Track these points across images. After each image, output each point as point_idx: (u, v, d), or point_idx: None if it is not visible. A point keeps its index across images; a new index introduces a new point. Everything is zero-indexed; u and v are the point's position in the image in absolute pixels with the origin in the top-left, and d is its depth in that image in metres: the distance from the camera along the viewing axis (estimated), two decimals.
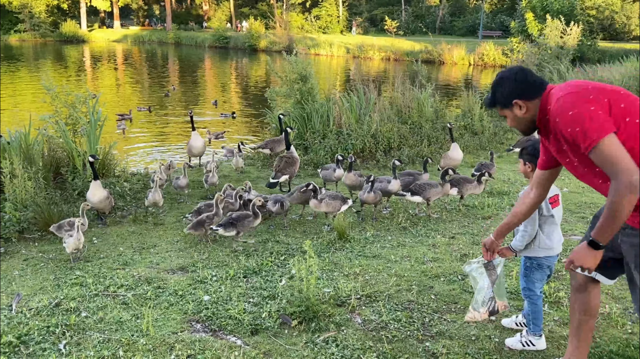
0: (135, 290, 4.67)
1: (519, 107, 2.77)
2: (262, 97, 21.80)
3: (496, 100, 2.85)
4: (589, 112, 2.42)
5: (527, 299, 3.59)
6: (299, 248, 5.74)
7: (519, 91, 2.75)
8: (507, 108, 2.82)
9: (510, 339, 3.68)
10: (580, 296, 3.15)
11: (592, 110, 2.43)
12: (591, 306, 3.15)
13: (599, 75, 18.75)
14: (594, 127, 2.39)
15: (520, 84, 2.75)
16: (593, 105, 2.44)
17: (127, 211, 7.33)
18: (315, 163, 9.70)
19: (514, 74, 2.78)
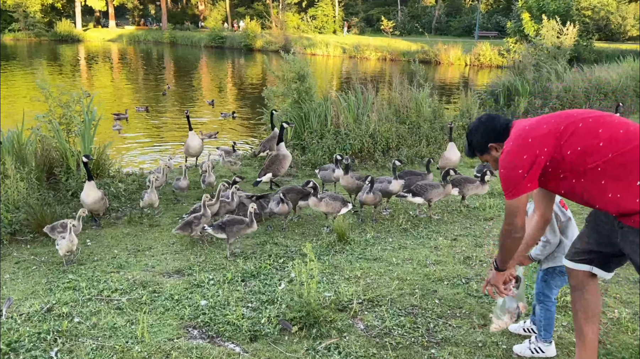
0: (130, 294, 4.54)
1: (495, 150, 3.07)
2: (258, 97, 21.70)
3: (474, 149, 3.17)
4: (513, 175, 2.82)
5: (541, 305, 3.47)
6: (298, 250, 5.61)
7: (491, 136, 3.05)
8: (486, 153, 3.13)
9: (519, 346, 3.56)
10: (579, 294, 3.09)
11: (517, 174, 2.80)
12: (590, 304, 3.07)
13: (596, 75, 18.72)
14: (510, 189, 2.85)
15: (490, 130, 3.06)
16: (521, 168, 2.79)
17: (121, 212, 7.18)
18: (313, 163, 9.57)
19: (483, 123, 3.10)
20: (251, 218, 5.62)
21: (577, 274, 3.06)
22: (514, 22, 36.66)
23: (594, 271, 3.01)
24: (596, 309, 3.06)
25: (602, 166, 2.67)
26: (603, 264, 2.99)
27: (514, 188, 2.83)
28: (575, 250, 3.09)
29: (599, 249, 2.96)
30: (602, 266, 3.00)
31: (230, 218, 5.67)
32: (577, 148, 2.74)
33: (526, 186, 2.81)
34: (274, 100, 11.30)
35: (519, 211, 2.88)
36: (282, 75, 10.90)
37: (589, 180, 2.73)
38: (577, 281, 3.07)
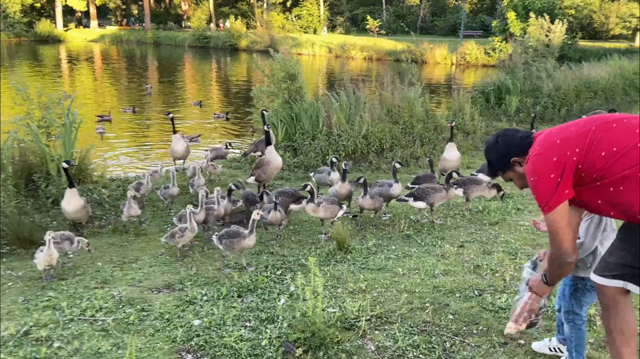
0: (116, 314, 4.15)
1: (519, 164, 2.80)
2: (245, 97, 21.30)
3: (495, 168, 2.91)
4: (545, 182, 2.55)
5: (570, 324, 3.16)
6: (296, 260, 5.26)
7: (511, 150, 2.80)
8: (509, 170, 2.86)
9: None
10: (612, 313, 2.77)
11: (549, 179, 2.55)
12: (628, 322, 2.75)
13: (585, 73, 18.66)
14: (545, 199, 2.56)
15: (510, 143, 2.80)
16: (553, 172, 2.54)
17: (105, 220, 6.76)
18: (306, 165, 9.23)
19: (500, 137, 2.87)
20: (251, 229, 5.10)
21: (608, 291, 2.74)
22: (499, 20, 36.67)
23: (627, 287, 2.69)
24: (634, 326, 2.76)
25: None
26: (637, 279, 2.67)
27: (550, 197, 2.56)
28: (605, 265, 2.76)
29: (634, 263, 2.63)
30: (637, 282, 2.67)
31: (231, 230, 5.19)
32: (612, 148, 2.49)
33: (563, 192, 2.54)
34: (264, 100, 10.92)
35: (563, 230, 2.58)
36: (272, 74, 10.55)
37: (628, 186, 2.46)
38: (608, 299, 2.75)
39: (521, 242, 5.56)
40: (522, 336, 3.67)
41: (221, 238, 5.10)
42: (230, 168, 9.68)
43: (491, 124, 13.39)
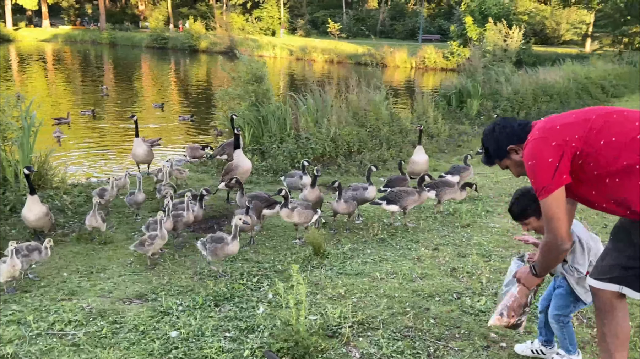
0: (86, 327, 3.95)
1: (515, 152, 2.80)
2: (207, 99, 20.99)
3: (492, 155, 2.91)
4: (543, 166, 2.53)
5: (559, 324, 3.21)
6: (272, 266, 5.17)
7: (510, 137, 2.80)
8: (506, 158, 2.86)
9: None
10: (607, 317, 2.79)
11: (547, 163, 2.53)
12: (622, 327, 2.78)
13: (541, 77, 19.25)
14: (543, 184, 2.53)
15: (508, 131, 2.81)
16: (551, 156, 2.53)
17: (69, 228, 6.48)
18: (275, 169, 9.13)
19: (499, 125, 2.87)
20: (234, 234, 4.95)
21: (604, 294, 2.77)
22: (456, 25, 37.50)
23: (623, 291, 2.72)
24: (627, 331, 2.80)
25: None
26: (633, 282, 2.68)
27: (547, 180, 2.52)
28: (600, 268, 2.79)
29: (630, 264, 2.65)
30: (633, 285, 2.69)
31: (214, 235, 5.07)
32: (611, 138, 2.48)
33: (560, 177, 2.52)
34: (230, 103, 10.76)
35: (559, 215, 2.54)
36: (238, 76, 10.41)
37: (625, 178, 2.46)
38: (604, 303, 2.77)
39: (494, 244, 5.64)
40: (504, 338, 3.71)
41: (205, 244, 4.97)
42: (197, 172, 9.48)
43: (454, 127, 13.63)
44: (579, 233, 3.07)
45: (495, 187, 8.25)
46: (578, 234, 3.06)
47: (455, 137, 12.84)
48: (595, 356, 3.51)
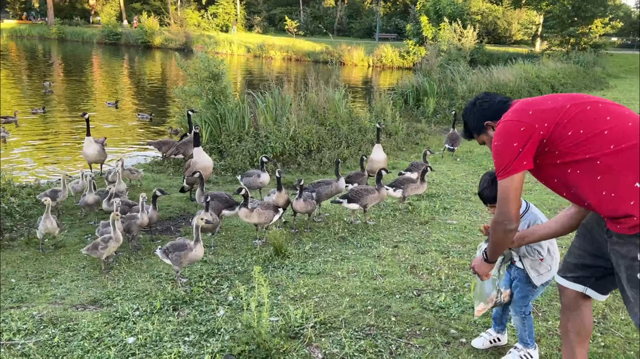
0: (37, 336, 3.77)
1: (492, 128, 2.82)
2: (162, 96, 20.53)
3: (470, 129, 2.95)
4: (507, 148, 2.55)
5: (520, 315, 3.32)
6: (232, 268, 5.09)
7: (487, 113, 2.84)
8: (483, 133, 2.89)
9: (508, 356, 3.41)
10: (572, 314, 2.85)
11: (512, 147, 2.54)
12: (585, 325, 2.85)
13: (495, 76, 19.74)
14: (503, 165, 2.56)
15: (487, 107, 2.85)
16: (517, 141, 2.53)
17: (17, 232, 6.20)
18: (234, 168, 9.01)
19: (480, 100, 2.90)
20: (197, 237, 4.73)
21: (570, 293, 2.80)
22: (412, 24, 38.07)
23: (587, 292, 2.75)
24: (589, 329, 2.85)
25: (601, 158, 2.40)
26: (598, 283, 2.72)
27: (508, 163, 2.54)
28: (567, 265, 2.82)
29: (594, 263, 2.68)
30: (597, 287, 2.72)
31: (175, 242, 4.85)
32: (579, 130, 2.47)
33: (521, 163, 2.54)
34: (186, 100, 10.54)
35: (513, 196, 2.57)
36: (195, 74, 10.21)
37: (585, 171, 2.47)
38: (569, 301, 2.81)
39: (452, 241, 5.73)
40: (464, 334, 3.76)
41: (167, 252, 4.76)
42: (152, 172, 9.25)
43: (411, 125, 13.79)
44: (540, 218, 3.17)
45: (452, 184, 8.39)
46: (541, 218, 3.17)
47: (412, 135, 12.99)
48: (551, 348, 3.61)
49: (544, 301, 4.29)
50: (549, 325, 3.91)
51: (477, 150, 11.42)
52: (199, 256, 4.74)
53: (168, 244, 4.83)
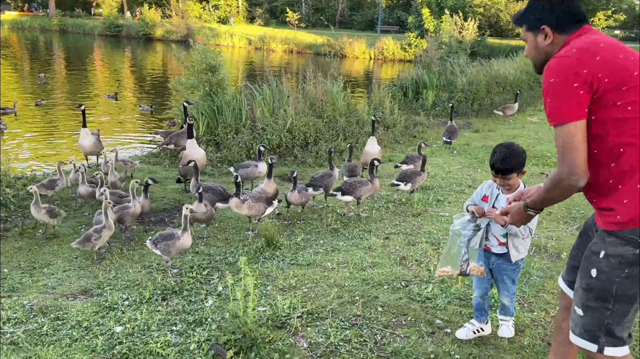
0: (26, 324, 3.82)
1: (545, 36, 2.42)
2: (162, 88, 20.52)
3: (526, 18, 2.48)
4: (566, 89, 2.17)
5: (512, 296, 3.55)
6: (223, 259, 5.12)
7: (553, 17, 2.40)
8: (532, 31, 2.46)
9: (502, 329, 3.62)
10: (569, 315, 2.73)
11: (572, 88, 2.17)
12: None
13: (495, 69, 19.67)
14: (561, 108, 2.18)
15: (557, 10, 2.40)
16: (577, 82, 2.17)
17: (11, 222, 6.24)
18: (230, 160, 9.03)
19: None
20: (185, 226, 4.78)
21: (567, 297, 2.69)
22: (414, 17, 37.92)
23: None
24: None
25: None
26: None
27: (568, 107, 2.16)
28: (567, 267, 2.71)
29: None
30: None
31: (166, 233, 4.88)
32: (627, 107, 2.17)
33: (582, 109, 2.17)
34: (184, 92, 10.56)
35: (577, 145, 2.17)
36: (192, 66, 10.21)
37: (610, 149, 2.18)
38: (568, 304, 2.70)
39: (443, 233, 5.75)
40: (449, 324, 3.79)
41: (156, 242, 4.81)
42: (148, 164, 9.28)
43: (410, 118, 13.78)
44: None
45: (447, 177, 8.40)
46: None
47: (410, 127, 12.98)
48: (534, 339, 3.63)
49: (530, 293, 4.31)
50: (534, 316, 3.93)
51: (475, 143, 11.42)
52: (186, 245, 4.77)
53: (157, 234, 4.87)
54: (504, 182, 3.21)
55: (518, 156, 3.15)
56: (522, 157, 3.17)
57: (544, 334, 3.69)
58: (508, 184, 3.21)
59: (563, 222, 6.14)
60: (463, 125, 13.99)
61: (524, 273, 4.62)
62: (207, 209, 5.70)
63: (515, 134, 12.43)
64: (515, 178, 3.19)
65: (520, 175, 3.22)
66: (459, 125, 12.59)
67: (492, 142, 11.48)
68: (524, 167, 3.20)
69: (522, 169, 3.20)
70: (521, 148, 3.18)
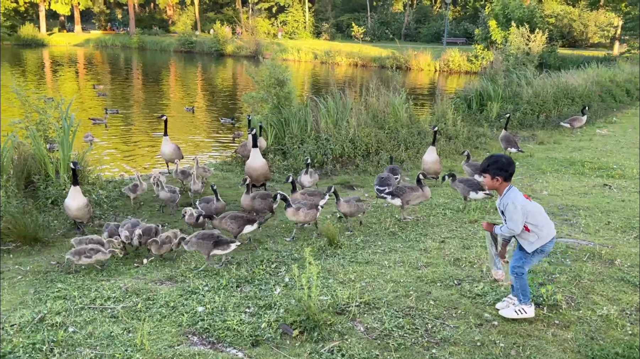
0: (124, 302, 4.47)
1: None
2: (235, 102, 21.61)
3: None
4: None
5: (515, 276, 3.98)
6: (290, 255, 5.63)
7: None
8: None
9: (504, 310, 4.08)
10: None
11: None
12: None
13: (563, 80, 19.30)
14: None
15: None
16: None
17: (105, 220, 7.05)
18: (295, 168, 9.59)
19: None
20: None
21: None
22: (481, 29, 37.53)
23: None
24: None
25: None
26: None
27: None
28: None
29: None
30: None
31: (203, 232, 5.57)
32: None
33: None
34: (254, 106, 11.30)
35: None
36: (262, 80, 10.92)
37: None
38: None
39: None
40: (497, 318, 4.08)
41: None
42: (222, 170, 10.02)
43: (473, 129, 13.87)
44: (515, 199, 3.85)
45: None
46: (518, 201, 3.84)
47: (473, 139, 13.09)
48: (577, 334, 3.85)
49: (580, 294, 4.50)
50: (580, 314, 4.14)
51: (538, 154, 11.42)
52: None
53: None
54: (484, 180, 4.00)
55: (496, 163, 3.89)
56: (502, 165, 3.86)
57: (589, 330, 3.91)
58: (485, 182, 4.02)
59: (621, 231, 6.21)
60: (528, 137, 13.94)
61: (575, 276, 4.81)
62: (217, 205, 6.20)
63: (581, 146, 12.28)
64: (488, 179, 3.93)
65: (494, 181, 3.91)
66: (516, 135, 12.59)
67: (557, 154, 11.44)
68: (500, 174, 3.87)
69: (497, 176, 3.87)
70: (508, 160, 3.91)
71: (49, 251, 6.00)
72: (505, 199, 3.87)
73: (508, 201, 3.83)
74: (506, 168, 3.88)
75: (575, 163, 10.28)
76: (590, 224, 6.40)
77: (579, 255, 5.33)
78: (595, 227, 6.31)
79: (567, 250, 5.45)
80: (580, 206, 7.14)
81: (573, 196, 7.84)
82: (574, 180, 8.99)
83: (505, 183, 3.92)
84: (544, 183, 8.72)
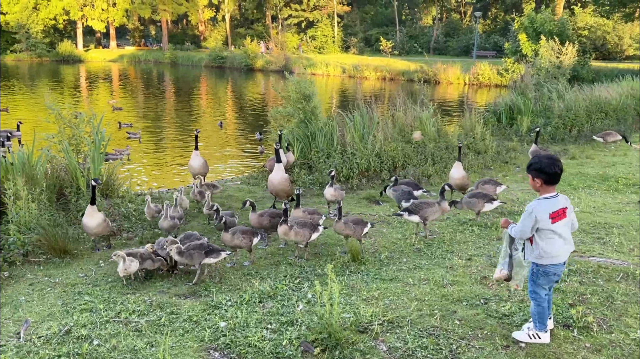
0: (148, 316, 4.51)
1: None
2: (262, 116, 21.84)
3: None
4: None
5: (534, 301, 3.88)
6: (313, 270, 5.60)
7: None
8: None
9: (518, 332, 3.99)
10: None
11: None
12: None
13: (596, 94, 18.87)
14: None
15: None
16: None
17: (132, 232, 7.17)
18: (321, 182, 9.59)
19: None
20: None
21: None
22: (511, 42, 37.12)
23: None
24: None
25: None
26: None
27: None
28: None
29: None
30: None
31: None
32: None
33: None
34: (281, 120, 11.38)
35: None
36: (288, 95, 11.00)
37: None
38: None
39: None
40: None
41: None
42: (248, 184, 10.09)
43: (502, 144, 13.67)
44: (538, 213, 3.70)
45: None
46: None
47: (502, 153, 12.88)
48: (609, 358, 3.71)
49: (612, 316, 4.34)
50: (613, 337, 3.99)
51: (570, 169, 11.14)
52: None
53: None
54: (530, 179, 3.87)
55: (536, 163, 3.74)
56: (542, 166, 3.68)
57: (621, 354, 3.76)
58: (530, 183, 3.86)
59: None
60: (559, 151, 13.63)
61: (607, 297, 4.65)
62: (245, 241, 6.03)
63: (615, 162, 11.95)
64: (530, 179, 3.82)
65: (535, 183, 3.76)
66: (547, 149, 12.33)
67: (589, 169, 11.15)
68: (539, 177, 3.72)
69: (537, 178, 3.73)
70: (551, 161, 3.69)
71: (78, 263, 6.11)
72: (533, 203, 3.72)
73: (530, 206, 3.72)
74: (546, 169, 3.63)
75: (609, 179, 10.00)
76: (624, 243, 6.20)
77: (611, 275, 5.15)
78: (629, 246, 6.10)
79: (599, 269, 5.28)
80: (614, 224, 6.92)
81: (606, 213, 7.61)
82: (607, 197, 8.74)
83: (547, 187, 3.70)
84: (576, 199, 8.50)
